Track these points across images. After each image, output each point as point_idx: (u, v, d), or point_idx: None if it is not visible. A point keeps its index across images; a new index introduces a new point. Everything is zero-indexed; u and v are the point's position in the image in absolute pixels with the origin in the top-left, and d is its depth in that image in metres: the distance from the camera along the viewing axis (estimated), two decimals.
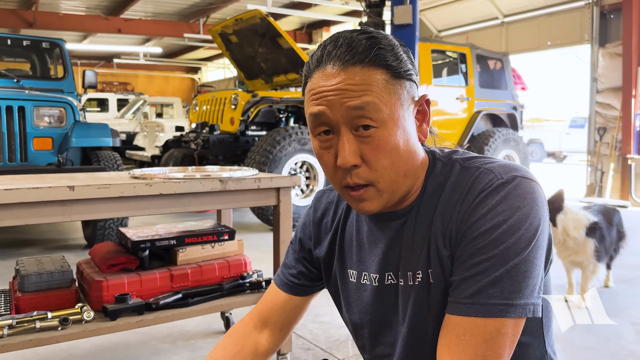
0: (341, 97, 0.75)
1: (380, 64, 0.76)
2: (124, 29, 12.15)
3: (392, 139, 0.77)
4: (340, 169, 0.79)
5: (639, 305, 2.97)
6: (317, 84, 0.78)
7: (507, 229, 0.72)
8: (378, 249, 0.89)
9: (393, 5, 5.07)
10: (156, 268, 2.02)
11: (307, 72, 0.82)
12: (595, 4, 7.89)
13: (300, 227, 1.05)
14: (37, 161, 3.96)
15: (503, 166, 0.79)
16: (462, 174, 0.81)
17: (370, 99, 0.75)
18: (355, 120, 0.76)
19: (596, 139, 7.89)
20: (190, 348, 2.35)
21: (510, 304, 0.71)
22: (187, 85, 21.45)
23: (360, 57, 0.76)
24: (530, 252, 0.72)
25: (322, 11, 11.42)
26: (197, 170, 2.16)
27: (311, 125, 0.80)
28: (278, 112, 5.92)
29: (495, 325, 0.71)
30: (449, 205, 0.80)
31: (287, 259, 1.05)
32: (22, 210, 1.57)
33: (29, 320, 1.65)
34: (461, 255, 0.76)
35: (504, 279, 0.71)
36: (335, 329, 2.55)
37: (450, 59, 7.46)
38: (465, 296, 0.73)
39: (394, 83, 0.77)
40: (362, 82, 0.75)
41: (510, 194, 0.74)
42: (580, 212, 2.91)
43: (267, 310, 1.02)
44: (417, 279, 0.82)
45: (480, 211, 0.75)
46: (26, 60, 5.76)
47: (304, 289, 1.02)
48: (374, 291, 0.89)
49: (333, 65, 0.77)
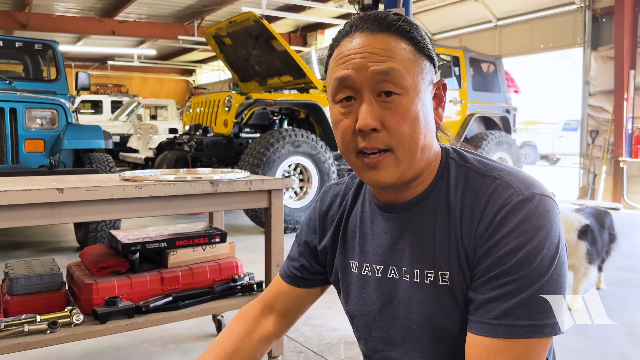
0: (367, 60, 0.77)
1: (406, 36, 0.79)
2: (118, 31, 12.12)
3: (414, 107, 0.78)
4: (358, 134, 0.78)
5: (630, 307, 2.98)
6: (344, 49, 0.80)
7: (531, 250, 0.72)
8: (383, 240, 0.88)
9: (386, 8, 5.08)
10: (147, 271, 2.01)
11: (334, 43, 0.84)
12: (588, 7, 7.95)
13: (306, 221, 1.05)
14: (28, 163, 3.94)
15: (522, 181, 0.78)
16: (477, 181, 0.81)
17: (396, 66, 0.77)
18: (379, 84, 0.77)
19: (589, 142, 7.94)
20: (182, 351, 2.34)
21: (537, 324, 0.71)
22: (181, 88, 21.41)
23: (387, 26, 0.78)
24: (553, 271, 0.73)
25: (316, 14, 11.43)
26: (188, 173, 2.15)
27: (334, 90, 0.81)
28: (272, 115, 5.92)
29: (523, 347, 0.71)
30: (465, 214, 0.79)
31: (292, 252, 1.07)
32: (10, 212, 1.56)
33: (17, 324, 1.63)
34: (485, 274, 0.75)
35: (531, 300, 0.71)
36: (328, 331, 2.55)
37: (444, 62, 7.48)
38: (491, 317, 0.73)
39: (417, 56, 0.79)
40: (388, 48, 0.77)
41: (532, 213, 0.74)
42: (571, 215, 2.92)
43: (272, 297, 1.05)
44: (430, 278, 0.81)
45: (503, 230, 0.74)
46: (19, 62, 5.73)
47: (304, 281, 1.03)
48: (375, 282, 0.89)
49: (361, 32, 0.79)
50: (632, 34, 7.37)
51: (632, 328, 2.63)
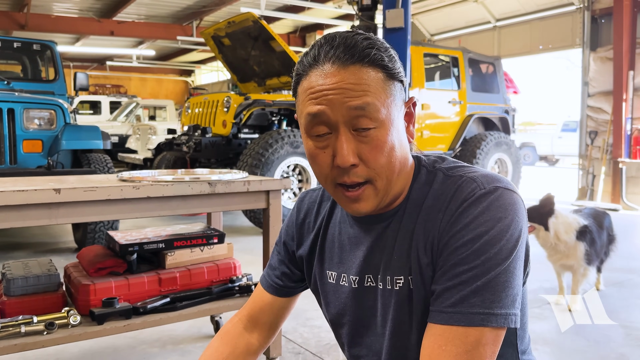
0: (342, 96, 0.75)
1: (377, 64, 0.77)
2: (116, 32, 12.10)
3: (389, 138, 0.77)
4: (337, 169, 0.78)
5: (628, 308, 2.98)
6: (316, 83, 0.77)
7: (488, 240, 0.73)
8: (360, 251, 0.89)
9: (385, 8, 5.08)
10: (144, 272, 2.00)
11: (301, 71, 0.80)
12: (587, 8, 7.95)
13: (284, 228, 1.05)
14: (26, 164, 3.93)
15: (485, 176, 0.79)
16: (445, 182, 0.82)
17: (371, 100, 0.75)
18: (355, 120, 0.76)
19: (588, 143, 7.94)
20: (180, 352, 2.33)
21: (491, 313, 0.72)
22: (180, 88, 21.39)
23: (359, 56, 0.76)
24: (510, 263, 0.73)
25: (315, 15, 11.43)
26: (186, 173, 2.15)
27: (308, 125, 0.79)
28: (271, 115, 5.91)
29: (476, 335, 0.72)
30: (431, 213, 0.80)
31: (272, 260, 1.06)
32: (7, 213, 1.55)
33: (14, 325, 1.63)
34: (444, 265, 0.76)
35: (486, 288, 0.72)
36: (326, 332, 2.54)
37: (443, 63, 7.48)
38: (447, 305, 0.74)
39: (388, 84, 0.78)
40: (362, 82, 0.75)
41: (492, 205, 0.75)
42: (570, 216, 2.91)
43: (256, 311, 1.03)
44: (398, 284, 0.82)
45: (463, 221, 0.75)
46: (17, 63, 5.72)
47: (287, 290, 1.03)
48: (352, 293, 0.89)
49: (332, 64, 0.76)
50: (631, 35, 7.37)
51: (631, 329, 2.62)
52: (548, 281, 3.32)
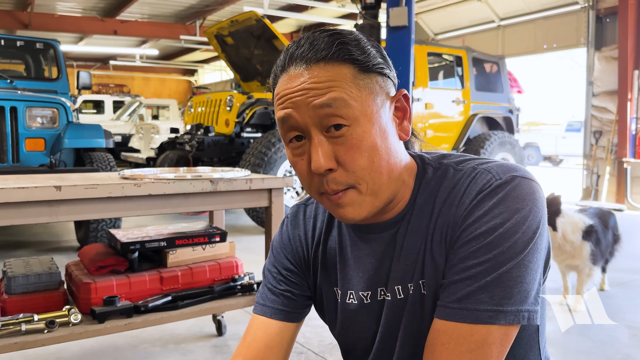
0: (306, 96, 0.71)
1: (345, 59, 0.72)
2: (120, 31, 12.12)
3: (368, 136, 0.71)
4: (316, 176, 0.73)
5: (634, 309, 2.95)
6: (283, 87, 0.74)
7: (503, 232, 0.68)
8: (367, 264, 0.82)
9: (388, 7, 5.05)
10: (146, 270, 1.99)
11: (273, 80, 0.77)
12: (591, 7, 7.91)
13: (278, 248, 0.94)
14: (29, 162, 3.92)
15: (501, 166, 0.74)
16: (456, 176, 0.76)
17: (337, 95, 0.70)
18: (325, 120, 0.71)
19: (592, 143, 7.89)
20: (181, 352, 2.32)
21: (500, 310, 0.67)
22: (183, 88, 21.41)
23: (322, 53, 0.72)
24: (525, 256, 0.68)
25: (318, 14, 11.41)
26: (188, 171, 2.13)
27: (281, 131, 0.75)
28: (273, 114, 5.89)
29: (482, 333, 0.67)
30: (444, 209, 0.75)
31: (268, 285, 0.92)
32: (8, 210, 1.54)
33: (14, 323, 1.62)
34: (453, 258, 0.71)
35: (496, 284, 0.67)
36: (328, 332, 2.51)
37: (447, 62, 7.45)
38: (452, 300, 0.69)
39: (363, 77, 0.72)
40: (327, 79, 0.71)
41: (509, 195, 0.70)
42: (576, 216, 2.89)
43: (262, 349, 0.86)
44: (409, 291, 0.78)
45: (477, 213, 0.70)
46: (20, 61, 5.73)
47: (295, 315, 0.91)
48: (365, 309, 0.83)
49: (296, 66, 0.73)
50: (636, 34, 7.33)
51: (637, 330, 2.60)
52: (552, 281, 3.29)
